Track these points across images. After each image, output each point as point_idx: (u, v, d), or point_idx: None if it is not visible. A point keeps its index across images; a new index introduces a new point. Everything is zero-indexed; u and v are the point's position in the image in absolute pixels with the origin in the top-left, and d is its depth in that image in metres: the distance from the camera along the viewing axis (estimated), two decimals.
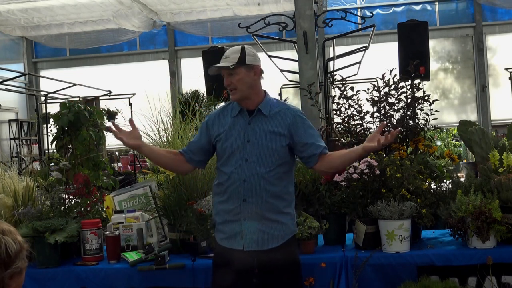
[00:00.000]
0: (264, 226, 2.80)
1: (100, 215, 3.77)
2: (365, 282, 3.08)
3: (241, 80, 2.83)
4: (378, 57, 9.64)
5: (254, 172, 2.79)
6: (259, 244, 2.80)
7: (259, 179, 2.79)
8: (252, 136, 2.82)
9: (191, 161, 3.00)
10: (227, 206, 2.85)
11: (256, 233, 2.80)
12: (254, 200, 2.79)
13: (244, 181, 2.79)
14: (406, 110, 3.69)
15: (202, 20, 13.13)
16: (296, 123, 2.85)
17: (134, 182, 6.58)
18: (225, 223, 2.87)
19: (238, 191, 2.80)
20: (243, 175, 2.80)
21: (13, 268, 1.70)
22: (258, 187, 2.79)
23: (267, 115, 2.85)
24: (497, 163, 3.34)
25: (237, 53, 2.84)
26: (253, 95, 2.87)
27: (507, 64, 11.81)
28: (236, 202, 2.81)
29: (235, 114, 2.89)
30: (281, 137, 2.83)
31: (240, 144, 2.82)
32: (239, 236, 2.82)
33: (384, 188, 3.28)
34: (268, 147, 2.80)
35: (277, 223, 2.82)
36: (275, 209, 2.81)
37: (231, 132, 2.86)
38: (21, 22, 12.86)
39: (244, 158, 2.81)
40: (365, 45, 6.51)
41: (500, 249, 3.08)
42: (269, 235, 2.80)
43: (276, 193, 2.81)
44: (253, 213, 2.79)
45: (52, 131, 5.88)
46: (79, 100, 8.37)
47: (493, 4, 12.31)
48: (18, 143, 13.06)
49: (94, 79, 12.62)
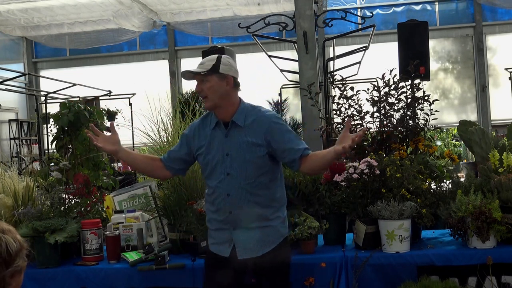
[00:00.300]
0: (255, 233, 2.81)
1: (100, 215, 3.77)
2: (365, 282, 3.08)
3: (212, 88, 2.79)
4: (378, 57, 9.64)
5: (237, 186, 2.78)
6: (252, 251, 2.82)
7: (243, 192, 2.79)
8: (230, 149, 2.80)
9: (171, 169, 3.03)
10: (217, 217, 2.88)
11: (247, 241, 2.82)
12: (240, 212, 2.80)
13: (228, 195, 2.80)
14: (406, 110, 3.69)
15: (202, 20, 13.13)
16: (272, 130, 2.79)
17: (134, 182, 6.57)
18: (216, 230, 2.90)
19: (224, 204, 2.82)
20: (226, 189, 2.80)
21: (14, 266, 1.71)
22: (242, 201, 2.79)
23: (242, 126, 2.81)
24: (497, 163, 3.34)
25: (212, 61, 2.81)
26: (226, 105, 2.83)
27: (507, 64, 11.81)
28: (224, 214, 2.84)
29: (213, 126, 2.87)
30: (258, 147, 2.79)
31: (220, 158, 2.82)
32: (227, 243, 2.85)
33: (384, 188, 3.28)
34: (247, 160, 2.78)
35: (267, 228, 2.82)
36: (263, 217, 2.82)
37: (211, 146, 2.86)
38: (21, 22, 12.85)
39: (225, 172, 2.80)
40: (365, 45, 6.51)
41: (500, 249, 3.08)
42: (261, 242, 2.82)
43: (262, 203, 2.81)
44: (240, 223, 2.82)
45: (52, 131, 5.88)
46: (79, 100, 8.37)
47: (493, 4, 12.31)
48: (18, 143, 13.06)
49: (94, 79, 12.62)
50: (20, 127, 13.37)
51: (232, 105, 2.85)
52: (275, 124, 2.81)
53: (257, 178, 2.79)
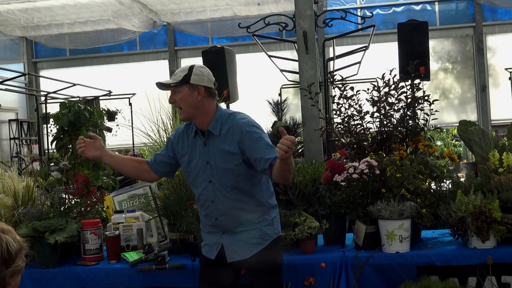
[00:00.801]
0: (242, 236, 2.83)
1: (100, 215, 3.77)
2: (365, 282, 3.08)
3: (183, 99, 2.79)
4: (378, 57, 9.63)
5: (219, 194, 2.81)
6: (240, 254, 2.84)
7: (225, 200, 2.81)
8: (209, 158, 2.82)
9: (157, 172, 3.08)
10: (207, 221, 2.92)
11: (236, 244, 2.85)
12: (225, 218, 2.84)
13: (212, 202, 2.84)
14: (406, 110, 3.69)
15: (202, 20, 13.12)
16: (244, 140, 2.75)
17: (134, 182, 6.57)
18: (207, 233, 2.95)
19: (210, 211, 2.86)
20: (210, 197, 2.84)
21: (14, 266, 1.71)
22: (226, 207, 2.82)
23: (217, 135, 2.80)
24: (497, 163, 3.34)
25: (184, 71, 2.80)
26: (200, 115, 2.82)
27: (507, 64, 11.80)
28: (211, 220, 2.88)
29: (193, 135, 2.89)
30: (234, 155, 2.78)
31: (202, 165, 2.84)
32: (216, 246, 2.88)
33: (384, 188, 3.28)
34: (225, 168, 2.79)
35: (254, 231, 2.83)
36: (248, 222, 2.83)
37: (193, 154, 2.88)
38: (21, 22, 12.85)
39: (207, 179, 2.83)
40: (365, 45, 6.49)
41: (500, 249, 3.08)
42: (248, 244, 2.83)
43: (246, 209, 2.82)
44: (228, 228, 2.85)
45: (52, 131, 5.87)
46: (79, 100, 8.37)
47: (493, 4, 12.30)
48: (18, 143, 13.05)
49: (94, 79, 12.61)
50: (20, 127, 13.36)
51: (207, 115, 2.83)
52: (247, 133, 2.76)
53: (238, 185, 2.79)
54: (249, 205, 2.83)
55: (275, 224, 2.92)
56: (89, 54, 14.17)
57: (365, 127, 3.74)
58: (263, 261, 2.82)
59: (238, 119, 2.82)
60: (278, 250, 2.92)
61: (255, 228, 2.83)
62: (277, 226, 2.93)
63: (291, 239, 3.21)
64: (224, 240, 2.86)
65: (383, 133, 3.71)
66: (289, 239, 3.21)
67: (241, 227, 2.83)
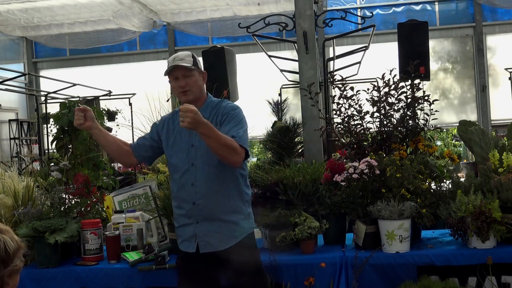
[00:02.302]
0: (217, 227, 2.83)
1: (100, 215, 3.77)
2: (365, 282, 3.08)
3: (195, 82, 2.90)
4: (378, 57, 9.63)
5: (201, 176, 2.82)
6: (213, 245, 2.83)
7: (206, 182, 2.82)
8: (195, 141, 2.85)
9: (138, 156, 3.08)
10: (180, 211, 2.90)
11: (209, 234, 2.83)
12: (203, 202, 2.82)
13: (192, 185, 2.83)
14: (406, 110, 3.69)
15: (202, 20, 13.12)
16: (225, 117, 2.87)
17: (134, 182, 6.58)
18: (181, 227, 2.92)
19: (188, 195, 2.85)
20: (190, 179, 2.84)
21: (12, 266, 1.71)
22: (206, 190, 2.82)
23: (207, 118, 2.81)
24: (497, 163, 3.34)
25: (190, 57, 2.92)
26: (200, 99, 2.94)
27: (507, 64, 11.79)
28: (187, 206, 2.86)
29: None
30: None
31: (185, 148, 2.87)
32: (193, 239, 2.86)
33: (384, 188, 3.28)
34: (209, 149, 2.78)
35: (229, 223, 2.84)
36: (226, 209, 2.84)
37: (178, 139, 2.92)
38: (21, 22, 12.84)
39: (190, 162, 2.85)
40: (365, 45, 6.49)
41: (500, 249, 3.08)
42: (223, 236, 2.83)
43: (225, 194, 2.83)
44: (204, 215, 2.83)
45: (52, 131, 5.87)
46: (79, 100, 8.36)
47: (493, 4, 12.30)
48: (18, 143, 13.05)
49: (94, 79, 12.60)
50: (20, 127, 13.36)
51: (202, 99, 2.97)
52: (228, 112, 2.88)
53: (222, 169, 2.82)
54: (229, 191, 2.85)
55: (250, 219, 2.95)
56: (89, 54, 14.17)
57: (365, 127, 3.74)
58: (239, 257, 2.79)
59: (226, 104, 2.96)
60: (253, 246, 2.95)
61: (229, 221, 2.83)
62: (252, 221, 2.96)
63: (291, 239, 3.21)
64: (198, 231, 2.84)
65: (383, 133, 3.71)
66: (289, 239, 3.21)
67: (216, 214, 2.82)
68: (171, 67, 2.88)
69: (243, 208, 2.90)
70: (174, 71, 2.89)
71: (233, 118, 2.86)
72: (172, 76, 2.91)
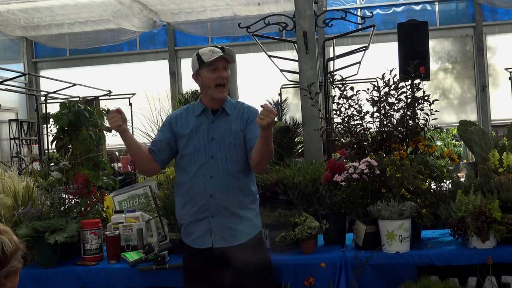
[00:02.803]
0: (231, 222, 2.85)
1: (100, 215, 3.77)
2: (365, 282, 3.08)
3: (229, 77, 2.93)
4: (378, 57, 9.63)
5: (220, 168, 2.84)
6: (227, 241, 2.84)
7: (226, 175, 2.84)
8: (216, 134, 2.88)
9: (160, 159, 2.99)
10: (194, 205, 2.87)
11: (224, 229, 2.84)
12: (221, 195, 2.83)
13: (211, 177, 2.84)
14: (406, 110, 3.69)
15: (202, 20, 13.12)
16: (250, 118, 2.91)
17: (134, 182, 6.57)
18: (192, 223, 2.89)
19: (205, 187, 2.84)
20: (209, 172, 2.84)
21: (9, 267, 1.70)
22: (224, 183, 2.83)
23: (230, 113, 2.92)
24: (497, 163, 3.34)
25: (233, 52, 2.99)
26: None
27: (507, 64, 11.80)
28: (203, 199, 2.85)
29: (198, 113, 2.93)
30: (241, 132, 2.90)
31: (205, 142, 2.87)
32: (208, 234, 2.86)
33: (384, 188, 3.27)
34: (232, 144, 2.86)
35: (243, 219, 2.87)
36: (241, 204, 2.87)
37: (195, 131, 2.90)
38: (21, 22, 12.85)
39: (209, 155, 2.85)
40: (365, 45, 6.49)
41: (500, 249, 3.08)
42: (236, 231, 2.84)
43: (242, 189, 2.88)
44: (220, 209, 2.84)
45: (52, 131, 5.87)
46: (79, 100, 8.37)
47: (493, 4, 12.30)
48: (18, 143, 13.06)
49: (94, 79, 12.60)
50: (20, 127, 13.36)
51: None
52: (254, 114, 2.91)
53: (240, 163, 2.87)
54: (245, 186, 2.89)
55: (259, 217, 2.99)
56: (89, 54, 14.18)
57: (365, 127, 3.74)
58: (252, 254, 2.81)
59: (246, 105, 3.03)
60: (264, 243, 3.00)
61: (244, 216, 2.86)
62: (260, 220, 3.00)
63: (291, 239, 3.21)
64: (213, 225, 2.85)
65: (383, 133, 3.71)
66: (289, 239, 3.21)
67: (233, 208, 2.84)
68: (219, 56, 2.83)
69: (254, 205, 2.95)
70: (217, 62, 2.86)
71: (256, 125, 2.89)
72: (213, 66, 2.86)
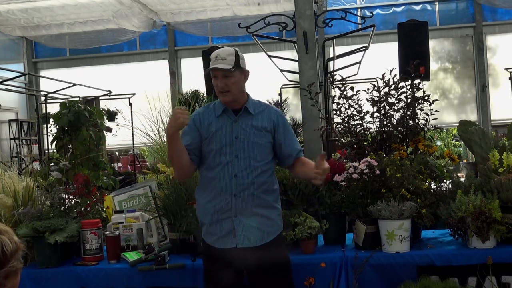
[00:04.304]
0: (255, 222, 2.83)
1: (100, 215, 3.77)
2: (365, 282, 3.08)
3: (236, 84, 2.85)
4: (378, 57, 9.63)
5: (245, 167, 2.83)
6: (251, 241, 2.82)
7: (250, 174, 2.83)
8: (239, 133, 2.87)
9: (195, 160, 2.92)
10: (216, 204, 2.85)
11: (248, 229, 2.83)
12: (245, 194, 2.82)
13: (235, 176, 2.83)
14: (406, 110, 3.69)
15: (202, 20, 13.12)
16: (279, 122, 2.95)
17: (134, 182, 6.57)
18: (215, 223, 2.86)
19: (229, 186, 2.83)
20: (233, 171, 2.83)
21: (9, 267, 1.70)
22: (248, 181, 2.82)
23: (253, 113, 2.92)
24: (497, 163, 3.34)
25: (233, 55, 2.84)
26: (240, 98, 2.93)
27: (507, 64, 11.79)
28: (227, 198, 2.83)
29: (219, 113, 2.91)
30: (267, 133, 2.90)
31: (228, 141, 2.86)
32: (232, 234, 2.83)
33: (384, 188, 3.28)
34: (256, 143, 2.86)
35: (266, 219, 2.86)
36: (265, 203, 2.86)
37: (218, 130, 2.88)
38: (21, 22, 12.84)
39: (233, 154, 2.85)
40: (365, 45, 6.49)
41: (500, 249, 3.08)
42: (260, 231, 2.83)
43: (265, 188, 2.87)
44: (244, 208, 2.82)
45: (52, 131, 5.88)
46: (79, 100, 8.37)
47: (493, 4, 12.30)
48: (18, 143, 13.05)
49: (94, 79, 12.60)
50: (20, 127, 13.36)
51: (244, 96, 2.95)
52: (282, 118, 2.99)
53: (264, 162, 2.87)
54: (268, 185, 2.89)
55: (281, 217, 3.00)
56: (89, 54, 14.17)
57: (365, 127, 3.74)
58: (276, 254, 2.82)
59: (271, 106, 3.06)
60: (284, 244, 3.00)
61: (267, 216, 2.86)
62: (282, 219, 3.00)
63: (291, 239, 3.21)
64: (236, 225, 2.82)
65: (383, 133, 3.71)
66: (289, 239, 3.21)
67: (257, 208, 2.83)
68: (211, 68, 2.82)
69: (277, 204, 2.95)
70: (214, 70, 2.84)
71: (290, 130, 2.99)
72: (212, 74, 2.86)
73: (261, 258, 2.79)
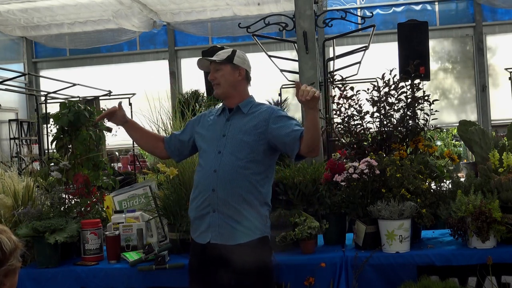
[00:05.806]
0: (231, 220, 2.81)
1: (100, 215, 3.77)
2: (365, 282, 3.08)
3: (224, 77, 2.96)
4: (378, 57, 9.63)
5: (225, 163, 2.84)
6: (223, 237, 2.81)
7: (229, 170, 2.83)
8: (228, 131, 2.92)
9: (168, 149, 3.18)
10: (198, 200, 2.89)
11: (223, 225, 2.82)
12: (223, 190, 2.82)
13: (215, 171, 2.85)
14: (406, 110, 3.69)
15: (202, 20, 13.13)
16: (271, 117, 2.91)
17: (134, 182, 6.58)
18: (197, 218, 2.90)
19: (208, 181, 2.85)
20: (214, 166, 2.86)
21: (8, 265, 1.71)
22: (227, 177, 2.82)
23: (245, 113, 2.95)
24: (497, 163, 3.34)
25: (228, 53, 2.99)
26: (235, 95, 2.99)
27: (507, 64, 11.80)
28: (206, 193, 2.85)
29: (219, 112, 3.03)
30: (256, 131, 2.88)
31: (216, 138, 2.93)
32: (210, 229, 2.85)
33: (384, 188, 3.27)
34: (242, 140, 2.87)
35: (244, 219, 2.81)
36: (244, 202, 2.81)
37: (211, 128, 2.99)
38: (21, 22, 12.85)
39: (217, 150, 2.89)
40: (365, 45, 6.49)
41: (500, 249, 3.08)
42: (234, 230, 2.80)
43: (245, 187, 2.82)
44: (222, 204, 2.81)
45: (52, 131, 5.88)
46: (79, 100, 8.37)
47: (493, 4, 12.30)
48: (18, 143, 13.06)
49: (94, 79, 12.61)
50: (20, 127, 13.36)
51: (240, 96, 3.01)
52: (276, 112, 2.95)
53: (247, 161, 2.84)
54: (249, 184, 2.83)
55: (267, 223, 2.90)
56: (89, 54, 14.18)
57: (365, 127, 3.75)
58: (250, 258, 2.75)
59: (269, 106, 3.06)
60: (266, 250, 2.87)
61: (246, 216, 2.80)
62: (268, 226, 2.91)
63: (291, 239, 3.21)
64: (212, 220, 2.83)
65: (383, 133, 3.71)
66: (289, 239, 3.21)
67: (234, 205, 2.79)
68: (199, 60, 3.02)
69: (260, 208, 2.85)
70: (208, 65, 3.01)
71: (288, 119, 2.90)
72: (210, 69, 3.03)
73: (235, 259, 2.76)
